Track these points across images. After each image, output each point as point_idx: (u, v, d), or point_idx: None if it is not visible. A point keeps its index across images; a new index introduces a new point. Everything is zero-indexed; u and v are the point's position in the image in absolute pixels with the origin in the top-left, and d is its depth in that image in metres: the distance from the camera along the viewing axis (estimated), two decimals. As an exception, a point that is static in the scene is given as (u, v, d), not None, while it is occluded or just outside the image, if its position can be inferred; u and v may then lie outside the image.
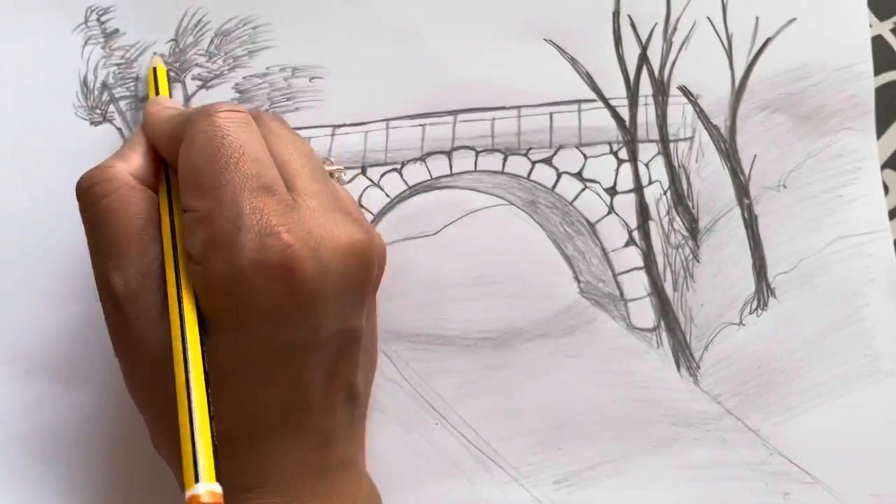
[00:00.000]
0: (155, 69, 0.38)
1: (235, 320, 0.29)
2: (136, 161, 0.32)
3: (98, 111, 0.39)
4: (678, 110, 0.40)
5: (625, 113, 0.40)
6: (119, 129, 0.39)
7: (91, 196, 0.31)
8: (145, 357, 0.30)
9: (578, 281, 0.39)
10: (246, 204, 0.28)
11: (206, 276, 0.29)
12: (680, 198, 0.40)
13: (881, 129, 0.40)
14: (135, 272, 0.30)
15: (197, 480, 0.25)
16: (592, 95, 0.40)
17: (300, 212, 0.29)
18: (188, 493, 0.25)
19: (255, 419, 0.30)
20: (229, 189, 0.29)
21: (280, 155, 0.31)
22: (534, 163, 0.40)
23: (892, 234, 0.40)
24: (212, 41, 0.39)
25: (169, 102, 0.35)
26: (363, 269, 0.31)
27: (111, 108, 0.39)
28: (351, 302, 0.31)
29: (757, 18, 0.40)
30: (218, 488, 0.25)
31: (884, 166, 0.40)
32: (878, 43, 0.40)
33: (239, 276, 0.28)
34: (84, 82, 0.39)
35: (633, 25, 0.40)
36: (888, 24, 0.41)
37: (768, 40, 0.40)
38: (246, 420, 0.30)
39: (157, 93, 0.37)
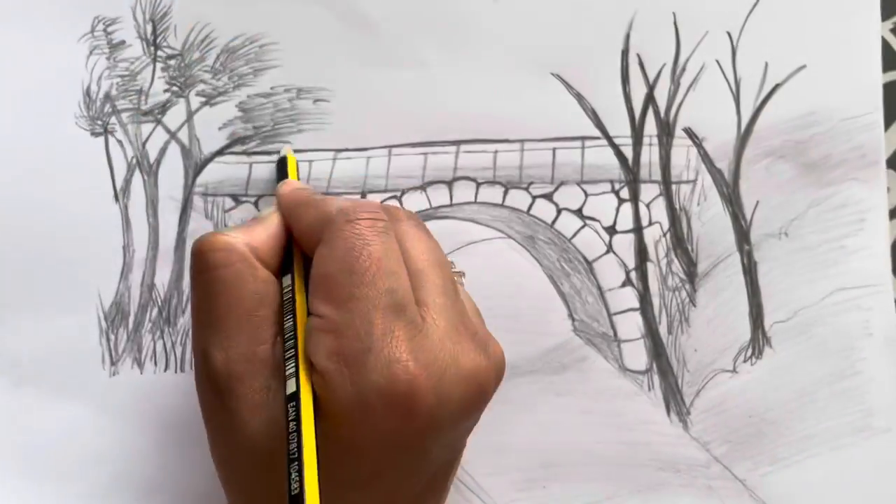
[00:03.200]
0: (285, 157, 0.37)
1: (349, 439, 0.28)
2: (260, 238, 0.31)
3: (99, 122, 0.39)
4: (682, 152, 0.40)
5: (628, 152, 0.39)
6: (119, 142, 0.38)
7: (206, 262, 0.30)
8: (240, 445, 0.29)
9: (573, 319, 0.39)
10: (378, 323, 0.28)
11: (328, 389, 0.28)
12: (679, 240, 0.39)
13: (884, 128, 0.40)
14: (240, 354, 0.29)
15: None
16: (597, 133, 0.39)
17: (428, 336, 0.29)
18: None
19: None
20: (363, 304, 0.28)
21: (415, 262, 0.31)
22: (534, 197, 0.39)
23: (893, 233, 0.39)
24: (217, 58, 0.39)
25: (301, 185, 0.35)
26: (481, 397, 0.30)
27: (112, 119, 0.39)
28: (465, 428, 0.31)
29: (766, 63, 0.40)
30: None
31: (886, 165, 0.40)
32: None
33: (362, 399, 0.27)
34: (87, 92, 0.38)
35: (641, 65, 0.40)
36: (888, 24, 0.40)
37: (777, 86, 0.40)
38: None
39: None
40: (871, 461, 0.38)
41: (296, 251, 0.32)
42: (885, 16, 0.40)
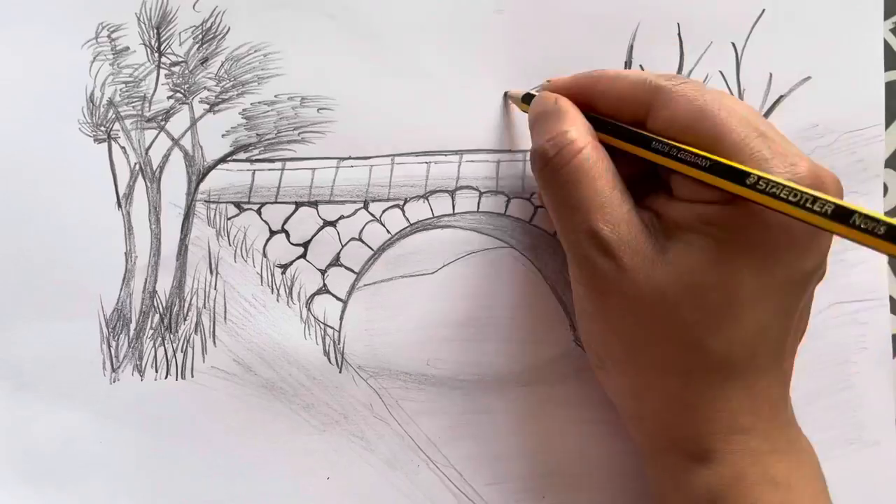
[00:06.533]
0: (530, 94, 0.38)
1: (775, 241, 0.30)
2: (581, 123, 0.34)
3: (102, 128, 0.38)
4: (685, 164, 0.39)
5: (631, 163, 0.39)
6: (123, 148, 0.38)
7: (561, 159, 0.33)
8: (642, 298, 0.31)
9: (574, 329, 0.39)
10: (774, 136, 0.30)
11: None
12: (680, 252, 0.39)
13: (883, 128, 0.40)
14: (621, 221, 0.32)
15: None
16: (600, 143, 0.39)
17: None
18: None
19: (755, 350, 0.31)
20: (741, 127, 0.30)
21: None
22: (537, 207, 0.39)
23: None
24: (222, 65, 0.39)
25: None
26: None
27: (116, 126, 0.38)
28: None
29: (770, 75, 0.40)
30: None
31: (885, 165, 0.40)
32: (879, 43, 0.40)
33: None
34: (90, 98, 0.38)
35: (645, 76, 0.39)
36: (889, 23, 0.40)
37: (780, 98, 0.40)
38: (749, 352, 0.31)
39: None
40: (860, 474, 0.39)
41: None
42: (886, 15, 0.40)
